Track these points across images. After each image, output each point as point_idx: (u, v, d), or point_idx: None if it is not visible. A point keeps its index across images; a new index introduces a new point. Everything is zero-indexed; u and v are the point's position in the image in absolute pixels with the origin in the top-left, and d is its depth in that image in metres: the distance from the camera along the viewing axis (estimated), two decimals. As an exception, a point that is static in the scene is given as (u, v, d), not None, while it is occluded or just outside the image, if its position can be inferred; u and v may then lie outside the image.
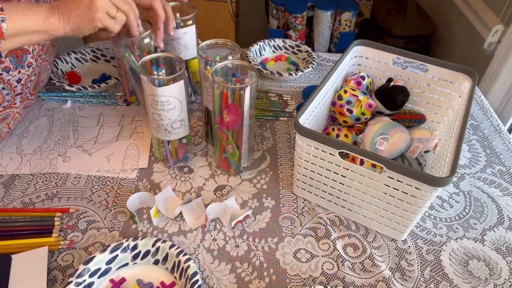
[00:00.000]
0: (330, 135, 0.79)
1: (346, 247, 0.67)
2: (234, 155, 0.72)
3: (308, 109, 0.67)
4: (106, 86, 0.92)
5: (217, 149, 0.75)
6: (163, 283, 0.59)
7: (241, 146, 0.72)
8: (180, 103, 0.69)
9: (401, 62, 1.08)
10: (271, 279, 0.62)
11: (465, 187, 0.79)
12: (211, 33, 2.74)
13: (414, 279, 0.63)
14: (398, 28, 1.35)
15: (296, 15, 1.36)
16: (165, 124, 0.70)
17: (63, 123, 0.86)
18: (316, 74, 1.08)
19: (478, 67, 0.93)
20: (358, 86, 0.81)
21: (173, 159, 0.77)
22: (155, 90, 0.65)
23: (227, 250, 0.65)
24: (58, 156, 0.79)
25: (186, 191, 0.74)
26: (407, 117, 0.79)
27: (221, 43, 0.75)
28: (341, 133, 0.78)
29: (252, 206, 0.72)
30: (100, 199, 0.71)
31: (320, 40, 1.42)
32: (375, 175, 0.61)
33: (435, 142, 0.75)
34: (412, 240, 0.68)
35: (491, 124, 0.94)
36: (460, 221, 0.72)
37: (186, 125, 0.73)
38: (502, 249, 0.68)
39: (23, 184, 0.73)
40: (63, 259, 0.62)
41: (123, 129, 0.86)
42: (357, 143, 0.76)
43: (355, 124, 0.80)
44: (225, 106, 0.67)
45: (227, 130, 0.69)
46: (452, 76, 0.77)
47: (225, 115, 0.67)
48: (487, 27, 1.09)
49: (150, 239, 0.61)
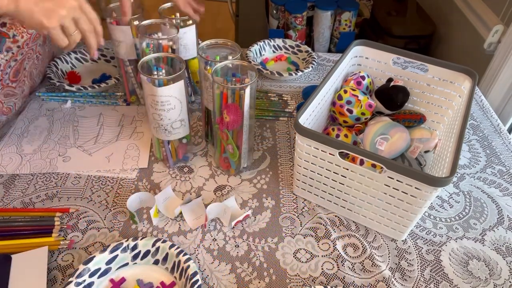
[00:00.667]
0: (330, 135, 0.79)
1: (346, 247, 0.67)
2: (234, 155, 0.72)
3: (308, 109, 0.67)
4: (106, 86, 0.92)
5: (217, 149, 0.75)
6: (163, 283, 0.59)
7: (241, 146, 0.72)
8: (180, 103, 0.69)
9: (401, 62, 1.08)
10: (271, 279, 0.62)
11: (465, 187, 0.79)
12: (211, 33, 2.74)
13: (414, 279, 0.63)
14: (398, 28, 1.35)
15: (296, 15, 1.36)
16: (165, 124, 0.70)
17: (63, 123, 0.86)
18: (316, 74, 1.08)
19: (478, 67, 0.93)
20: (358, 86, 0.81)
21: (173, 159, 0.77)
22: (155, 90, 0.65)
23: (227, 250, 0.65)
24: (58, 156, 0.79)
25: (186, 191, 0.74)
26: (407, 117, 0.79)
27: (221, 43, 0.75)
28: (341, 133, 0.78)
29: (252, 206, 0.72)
30: (100, 199, 0.71)
31: (320, 40, 1.42)
32: (375, 175, 0.61)
33: (435, 142, 0.75)
34: (412, 240, 0.68)
35: (491, 124, 0.94)
36: (460, 221, 0.72)
37: (186, 125, 0.73)
38: (502, 249, 0.68)
39: (23, 184, 0.73)
40: (63, 259, 0.62)
41: (123, 129, 0.86)
42: (357, 143, 0.77)
43: (355, 124, 0.80)
44: (225, 106, 0.67)
45: (227, 130, 0.69)
46: (452, 76, 0.77)
47: (225, 115, 0.67)
48: (487, 27, 1.09)
49: (150, 239, 0.61)
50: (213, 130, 0.75)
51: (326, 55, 1.16)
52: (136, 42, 0.82)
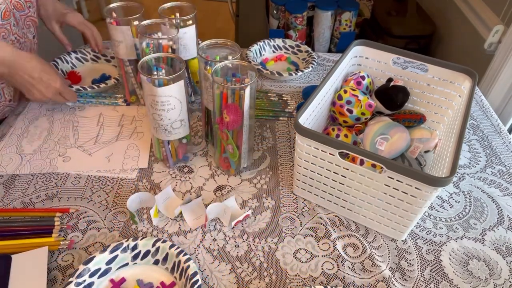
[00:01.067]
0: (330, 135, 0.79)
1: (346, 247, 0.67)
2: (234, 155, 0.72)
3: (308, 109, 0.67)
4: (106, 86, 0.92)
5: (217, 149, 0.75)
6: (163, 283, 0.59)
7: (241, 146, 0.72)
8: (180, 103, 0.69)
9: (401, 62, 1.08)
10: (271, 279, 0.62)
11: (465, 187, 0.79)
12: (211, 33, 2.74)
13: (414, 279, 0.63)
14: (398, 28, 1.35)
15: (296, 15, 1.36)
16: (165, 124, 0.70)
17: (63, 123, 0.86)
18: (316, 74, 1.08)
19: (478, 67, 0.93)
20: (358, 86, 0.81)
21: (173, 159, 0.77)
22: (155, 90, 0.65)
23: (227, 250, 0.65)
24: (58, 156, 0.79)
25: (186, 191, 0.74)
26: (407, 117, 0.79)
27: (221, 43, 0.75)
28: (341, 133, 0.78)
29: (252, 206, 0.72)
30: (100, 199, 0.72)
31: (320, 40, 1.42)
32: (375, 175, 0.61)
33: (435, 142, 0.75)
34: (412, 240, 0.68)
35: (491, 124, 0.94)
36: (460, 221, 0.72)
37: (186, 125, 0.73)
38: (502, 249, 0.68)
39: (23, 184, 0.73)
40: (63, 259, 0.62)
41: (123, 129, 0.86)
42: (357, 143, 0.77)
43: (355, 124, 0.80)
44: (225, 106, 0.67)
45: (227, 130, 0.69)
46: (452, 76, 0.77)
47: (225, 115, 0.67)
48: (487, 27, 1.09)
49: (150, 239, 0.61)
50: (213, 130, 0.75)
51: (326, 55, 1.16)
52: (136, 42, 0.82)
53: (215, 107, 0.69)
